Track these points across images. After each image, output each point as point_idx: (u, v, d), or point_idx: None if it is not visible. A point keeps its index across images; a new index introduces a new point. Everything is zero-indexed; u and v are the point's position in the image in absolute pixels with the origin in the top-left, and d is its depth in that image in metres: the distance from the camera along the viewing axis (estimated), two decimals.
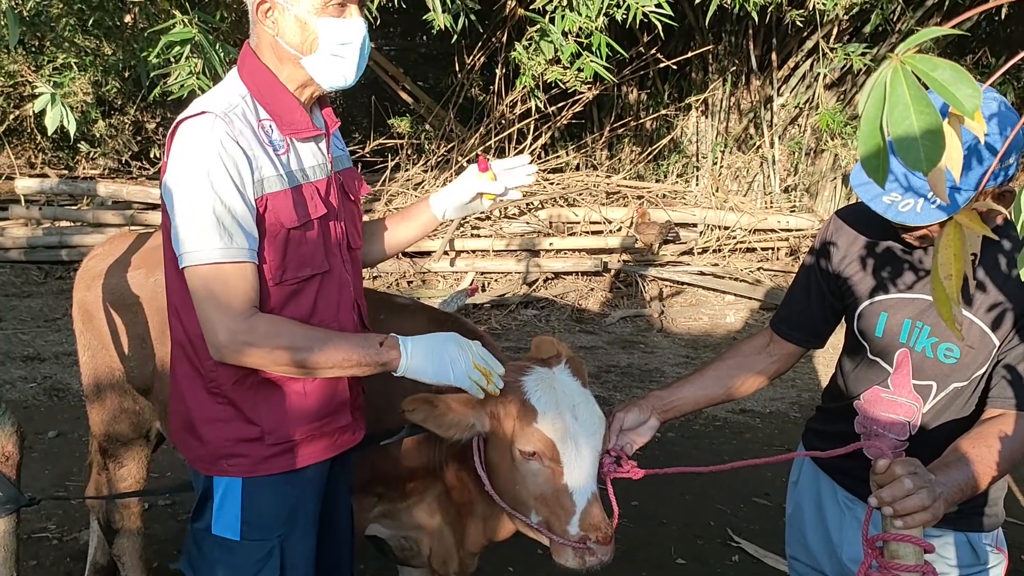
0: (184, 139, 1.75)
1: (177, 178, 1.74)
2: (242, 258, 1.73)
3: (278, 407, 1.90)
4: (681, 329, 6.84)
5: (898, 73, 0.77)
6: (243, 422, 1.90)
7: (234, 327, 1.73)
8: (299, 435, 1.93)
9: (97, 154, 9.27)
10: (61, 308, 6.67)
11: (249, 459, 1.91)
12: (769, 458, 2.04)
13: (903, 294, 1.90)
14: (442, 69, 10.00)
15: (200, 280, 1.74)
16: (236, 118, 1.76)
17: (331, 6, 1.76)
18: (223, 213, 1.71)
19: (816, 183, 8.22)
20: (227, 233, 1.71)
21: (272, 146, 1.81)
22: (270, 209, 1.79)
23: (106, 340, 2.72)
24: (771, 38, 7.84)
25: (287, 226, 1.81)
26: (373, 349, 1.80)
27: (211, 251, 1.71)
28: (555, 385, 2.00)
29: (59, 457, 4.32)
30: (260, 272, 1.80)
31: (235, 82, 1.85)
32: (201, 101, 1.80)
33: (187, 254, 1.73)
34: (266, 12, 1.78)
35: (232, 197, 1.72)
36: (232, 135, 1.73)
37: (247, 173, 1.74)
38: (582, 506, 1.94)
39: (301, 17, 1.76)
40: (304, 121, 1.87)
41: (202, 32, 4.14)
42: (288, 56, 1.81)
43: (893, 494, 1.52)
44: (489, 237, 7.44)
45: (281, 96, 1.84)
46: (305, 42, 1.79)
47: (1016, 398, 1.77)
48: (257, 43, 1.85)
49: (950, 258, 0.88)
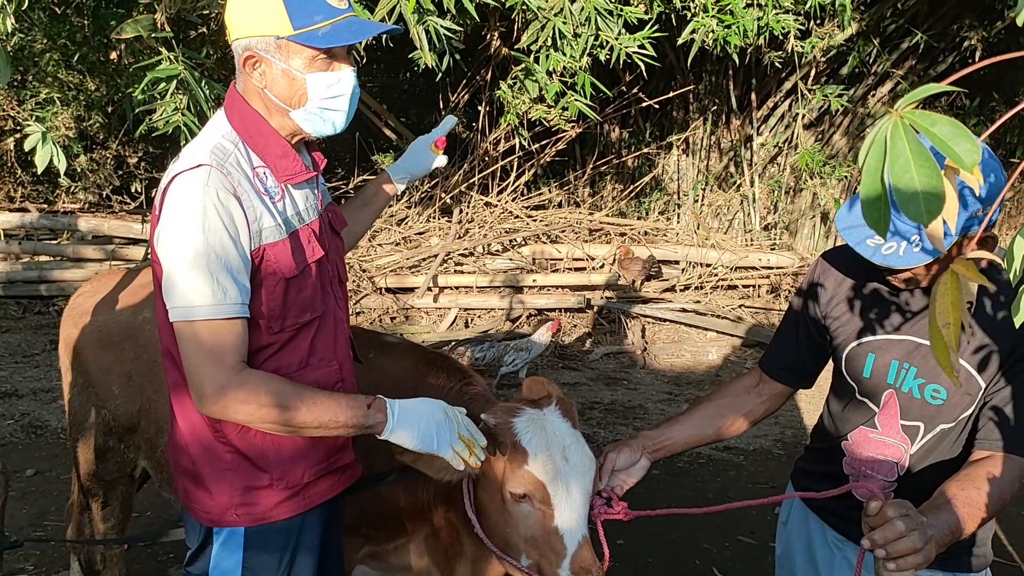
0: (180, 191, 1.71)
1: (172, 232, 1.70)
2: (235, 314, 1.71)
3: (286, 452, 1.88)
4: (664, 366, 6.86)
5: (898, 128, 0.79)
6: (252, 470, 1.87)
7: (224, 382, 1.70)
8: (308, 477, 1.91)
9: (78, 188, 9.23)
10: (40, 344, 6.61)
11: (259, 507, 1.89)
12: (761, 499, 2.04)
13: (890, 335, 1.92)
14: (426, 106, 10.09)
15: (191, 334, 1.70)
16: (232, 168, 1.74)
17: (319, 60, 1.76)
18: (218, 268, 1.67)
19: (795, 221, 8.31)
20: (221, 288, 1.68)
21: (268, 194, 1.79)
22: (268, 259, 1.77)
23: (92, 378, 2.70)
24: (750, 78, 7.96)
25: (287, 275, 1.79)
26: (361, 411, 1.78)
27: (204, 307, 1.68)
28: (546, 427, 1.99)
29: (37, 496, 4.25)
30: (258, 322, 1.78)
31: (225, 127, 1.82)
32: (193, 151, 1.76)
33: (179, 308, 1.70)
34: (253, 65, 1.77)
35: (228, 251, 1.69)
36: (229, 187, 1.70)
37: (243, 225, 1.72)
38: (573, 549, 1.92)
39: (289, 72, 1.75)
40: (298, 166, 1.85)
41: (188, 69, 4.16)
42: (276, 108, 1.81)
43: (886, 536, 1.53)
44: (472, 273, 7.45)
45: (273, 142, 1.82)
46: (294, 96, 1.78)
47: (1003, 439, 1.79)
48: (244, 88, 1.84)
49: (948, 307, 0.89)
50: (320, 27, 1.72)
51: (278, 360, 1.84)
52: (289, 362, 1.85)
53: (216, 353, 1.70)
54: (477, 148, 8.21)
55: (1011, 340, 1.77)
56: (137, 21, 4.21)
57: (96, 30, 5.81)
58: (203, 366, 1.70)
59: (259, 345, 1.80)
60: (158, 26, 4.19)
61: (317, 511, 1.98)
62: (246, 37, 1.75)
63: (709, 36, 5.17)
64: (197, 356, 1.70)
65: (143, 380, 2.59)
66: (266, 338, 1.81)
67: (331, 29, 1.73)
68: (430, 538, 2.38)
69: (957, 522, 1.63)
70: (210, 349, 1.70)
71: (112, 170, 9.22)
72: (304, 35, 1.71)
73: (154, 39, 4.24)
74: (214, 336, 1.70)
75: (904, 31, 7.36)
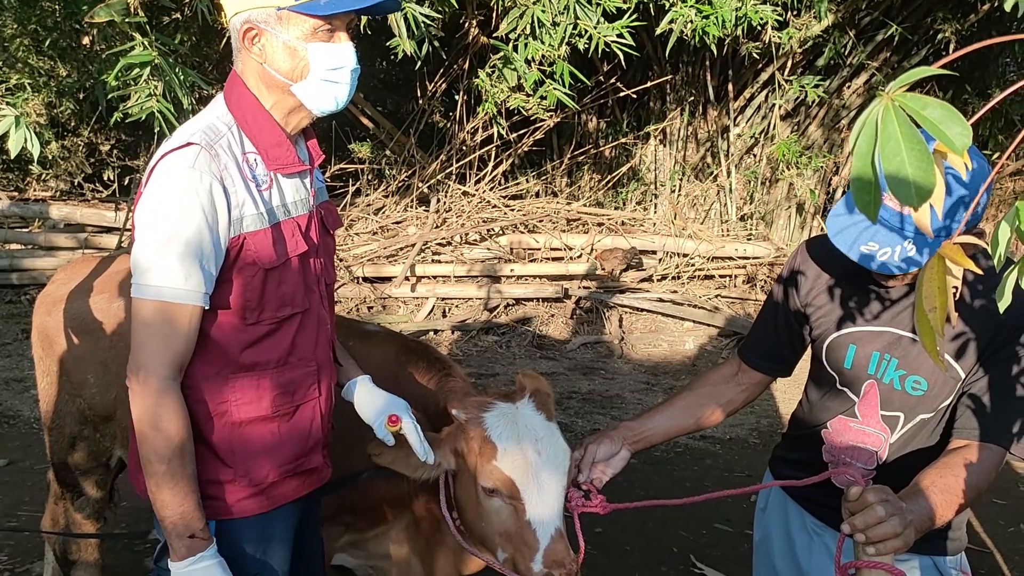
0: (165, 171, 1.68)
1: (149, 209, 1.67)
2: (192, 300, 1.68)
3: (253, 449, 1.85)
4: (641, 355, 6.89)
5: (889, 111, 0.80)
6: (216, 463, 1.84)
7: (154, 379, 1.69)
8: (273, 476, 1.88)
9: (49, 176, 9.10)
10: (11, 333, 6.52)
11: (222, 502, 1.86)
12: (740, 489, 2.05)
13: (872, 327, 1.92)
14: (403, 95, 10.02)
15: (147, 313, 1.68)
16: (222, 151, 1.70)
17: (321, 31, 1.70)
18: (186, 253, 1.65)
19: (771, 211, 8.36)
20: (185, 273, 1.66)
21: (255, 181, 1.76)
22: (248, 248, 1.74)
23: (67, 366, 2.66)
24: (727, 69, 7.98)
25: (265, 266, 1.76)
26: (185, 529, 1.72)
27: (165, 288, 1.66)
28: (517, 420, 1.98)
29: (10, 486, 4.20)
30: (234, 312, 1.76)
31: (222, 110, 1.78)
32: (187, 129, 1.73)
33: (140, 285, 1.68)
34: (252, 39, 1.71)
35: (201, 237, 1.66)
36: (215, 171, 1.67)
37: (223, 212, 1.69)
38: (545, 542, 1.91)
39: (290, 43, 1.70)
40: (290, 156, 1.82)
41: (162, 55, 4.10)
42: (276, 83, 1.75)
43: (866, 521, 1.54)
44: (450, 263, 7.44)
45: (268, 128, 1.78)
46: (295, 69, 1.73)
47: (980, 428, 1.80)
48: (242, 69, 1.78)
49: (934, 291, 0.90)
50: None
51: (255, 355, 1.81)
52: (267, 358, 1.83)
53: (163, 335, 1.68)
54: (455, 137, 8.18)
55: (990, 330, 1.79)
56: (110, 5, 4.14)
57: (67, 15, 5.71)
58: (147, 346, 1.68)
59: (237, 337, 1.78)
60: (131, 11, 4.13)
61: (289, 509, 1.96)
62: (245, 10, 1.69)
63: (688, 26, 5.17)
64: (145, 333, 1.69)
65: (119, 368, 2.55)
66: (243, 330, 1.78)
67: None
68: (411, 527, 2.37)
69: (934, 509, 1.65)
70: (158, 330, 1.68)
71: (84, 158, 9.10)
72: (305, 4, 1.66)
73: (127, 24, 4.18)
74: (166, 319, 1.67)
75: (879, 23, 7.40)
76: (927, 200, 0.78)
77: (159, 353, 1.69)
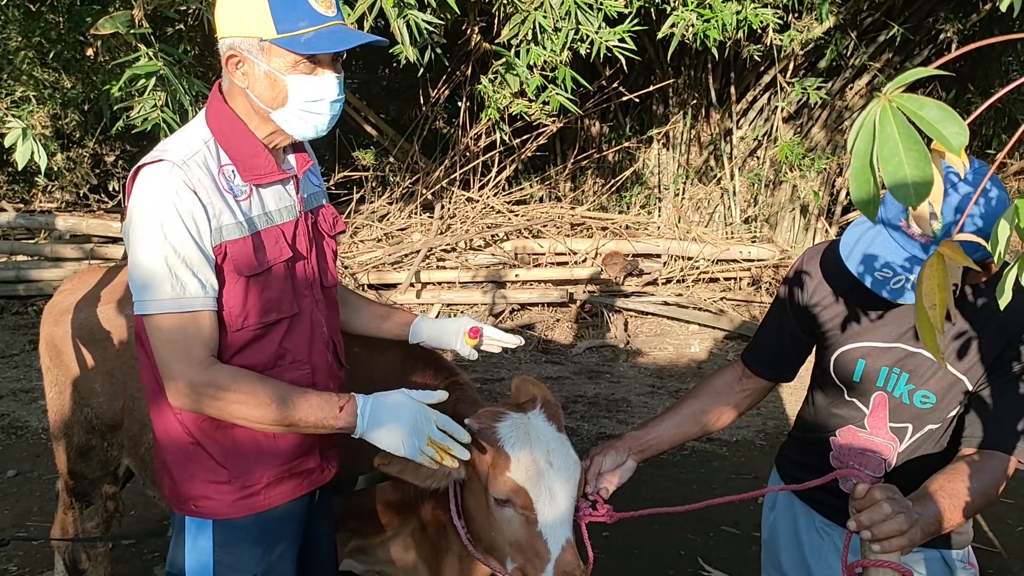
0: (141, 187, 1.74)
1: (133, 226, 1.73)
2: (196, 307, 1.73)
3: (246, 451, 1.89)
4: (646, 359, 6.88)
5: (887, 111, 0.80)
6: (211, 463, 1.89)
7: (193, 377, 1.74)
8: (267, 478, 1.92)
9: (55, 187, 9.15)
10: (19, 344, 6.54)
11: (217, 502, 1.90)
12: (746, 494, 2.04)
13: (881, 343, 1.91)
14: (405, 102, 10.05)
15: (155, 329, 1.75)
16: (195, 165, 1.75)
17: (302, 64, 1.76)
18: (176, 263, 1.70)
19: (775, 214, 8.35)
20: (180, 283, 1.71)
21: (232, 192, 1.80)
22: (229, 256, 1.78)
23: (74, 376, 2.67)
24: (730, 72, 7.99)
25: (246, 273, 1.80)
26: (332, 413, 1.79)
27: (164, 301, 1.71)
28: (530, 431, 1.98)
29: (19, 496, 4.22)
30: (220, 318, 1.79)
31: (200, 126, 1.84)
32: (162, 147, 1.79)
33: (141, 302, 1.74)
34: (236, 65, 1.77)
35: (186, 247, 1.71)
36: (189, 184, 1.72)
37: (203, 222, 1.73)
38: (556, 553, 1.91)
39: (271, 73, 1.75)
40: (267, 166, 1.85)
41: (167, 65, 4.12)
42: (257, 108, 1.81)
43: (871, 518, 1.55)
44: (455, 269, 7.45)
45: (245, 141, 1.83)
46: (276, 97, 1.78)
47: (989, 437, 1.81)
48: (228, 88, 1.85)
49: (933, 288, 0.90)
50: (304, 33, 1.71)
51: (244, 358, 1.84)
52: (255, 361, 1.85)
53: (182, 346, 1.73)
54: (458, 143, 8.20)
55: (1000, 344, 1.79)
56: (114, 17, 4.17)
57: (71, 27, 5.75)
58: (171, 360, 1.74)
59: (225, 342, 1.82)
60: (136, 22, 4.16)
61: (288, 510, 1.98)
62: (231, 37, 1.76)
63: (689, 30, 5.19)
64: (164, 349, 1.75)
65: (126, 377, 2.57)
66: (230, 335, 1.82)
67: (314, 36, 1.72)
68: (418, 533, 2.37)
69: (942, 512, 1.66)
70: (176, 342, 1.73)
71: (89, 169, 9.15)
72: (287, 40, 1.71)
73: (132, 35, 4.20)
74: (178, 330, 1.73)
75: (881, 24, 7.40)
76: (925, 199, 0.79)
77: (183, 362, 1.74)
